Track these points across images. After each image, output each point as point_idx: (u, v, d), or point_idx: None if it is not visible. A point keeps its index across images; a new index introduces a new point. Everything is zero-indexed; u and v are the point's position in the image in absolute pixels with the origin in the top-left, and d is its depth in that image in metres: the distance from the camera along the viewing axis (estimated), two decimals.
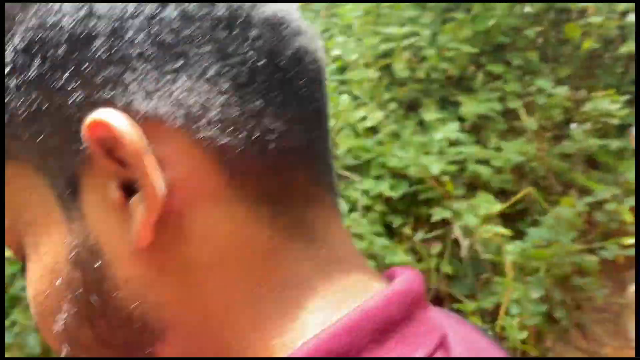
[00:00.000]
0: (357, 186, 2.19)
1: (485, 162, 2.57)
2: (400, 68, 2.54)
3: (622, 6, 2.92)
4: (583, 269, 2.41)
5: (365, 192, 2.20)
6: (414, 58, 2.84)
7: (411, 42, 2.68)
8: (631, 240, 2.87)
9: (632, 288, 2.80)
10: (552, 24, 3.12)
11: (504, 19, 2.81)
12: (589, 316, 2.48)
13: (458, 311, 2.20)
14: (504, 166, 2.58)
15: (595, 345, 2.38)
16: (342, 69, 2.61)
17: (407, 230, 2.27)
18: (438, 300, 2.32)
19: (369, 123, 2.47)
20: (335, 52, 2.66)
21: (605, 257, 2.52)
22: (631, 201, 2.57)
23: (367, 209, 2.24)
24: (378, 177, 2.31)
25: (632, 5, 3.00)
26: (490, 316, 2.20)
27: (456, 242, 2.28)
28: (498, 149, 2.66)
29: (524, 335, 2.02)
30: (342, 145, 2.32)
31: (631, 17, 2.99)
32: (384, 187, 2.18)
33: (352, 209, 2.13)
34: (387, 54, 2.82)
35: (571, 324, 2.37)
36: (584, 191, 2.78)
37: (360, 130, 2.48)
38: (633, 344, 2.57)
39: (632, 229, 2.78)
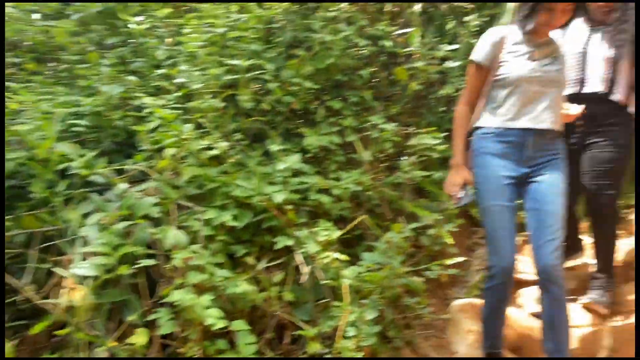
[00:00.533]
0: (199, 216, 2.16)
1: (325, 191, 2.71)
2: (245, 99, 2.59)
3: (440, 53, 3.33)
4: (411, 290, 2.64)
5: (208, 222, 2.17)
6: (259, 91, 2.92)
7: (256, 75, 2.75)
8: (451, 261, 3.22)
9: (454, 304, 3.13)
10: (383, 66, 3.43)
11: (341, 58, 3.03)
12: (417, 333, 2.71)
13: (299, 337, 2.26)
14: (342, 195, 2.74)
15: None
16: (186, 98, 2.58)
17: (250, 260, 2.28)
18: (280, 327, 2.35)
19: (213, 152, 2.47)
20: (180, 80, 2.63)
21: (430, 277, 2.80)
22: (450, 226, 2.91)
23: (210, 238, 2.21)
24: (222, 207, 2.30)
25: (450, 53, 3.43)
26: (329, 340, 2.30)
27: (298, 269, 2.35)
28: (337, 179, 2.83)
29: (360, 355, 2.13)
30: (185, 174, 2.28)
31: (449, 63, 3.41)
32: (227, 217, 2.18)
33: (194, 240, 2.09)
34: (232, 85, 2.86)
35: (402, 342, 2.56)
36: (413, 217, 3.07)
37: (204, 159, 2.46)
38: (456, 356, 2.86)
39: (453, 250, 3.13)
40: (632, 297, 2.85)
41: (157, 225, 2.10)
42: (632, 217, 3.88)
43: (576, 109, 2.42)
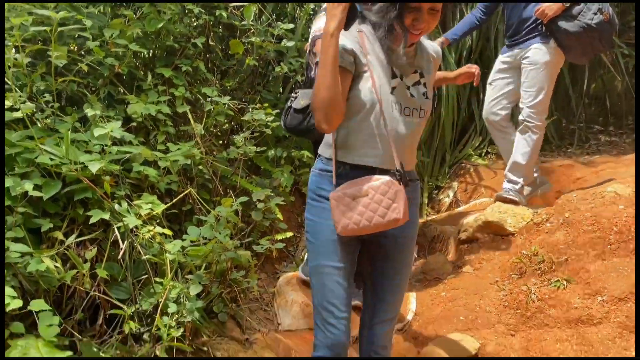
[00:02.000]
0: None
1: (152, 163, 2.55)
2: (57, 57, 2.30)
3: (277, 31, 3.33)
4: (240, 264, 2.62)
5: (6, 191, 1.90)
6: (76, 49, 2.63)
7: (72, 30, 2.47)
8: (281, 237, 3.27)
9: (281, 278, 3.20)
10: (220, 39, 3.34)
11: (173, 24, 2.86)
12: (244, 307, 2.71)
13: (114, 316, 2.11)
14: (171, 168, 2.61)
15: (248, 333, 2.61)
16: None
17: (58, 235, 2.05)
18: (95, 307, 2.17)
19: (16, 114, 2.16)
20: None
21: (259, 252, 2.81)
22: (278, 200, 2.95)
23: (10, 210, 1.94)
24: (24, 175, 2.03)
25: (288, 31, 3.46)
26: (149, 318, 2.18)
27: (115, 245, 2.18)
28: (165, 151, 2.68)
29: (179, 332, 2.06)
30: None
31: (286, 42, 3.43)
32: (29, 186, 1.93)
33: None
34: (45, 40, 2.53)
35: (228, 316, 2.54)
36: (246, 194, 3.05)
37: (5, 121, 2.14)
38: (281, 327, 2.93)
39: (283, 226, 3.19)
40: (435, 266, 3.19)
41: None
42: (442, 196, 4.34)
43: None
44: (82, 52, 2.66)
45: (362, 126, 1.65)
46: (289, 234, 3.07)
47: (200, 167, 2.89)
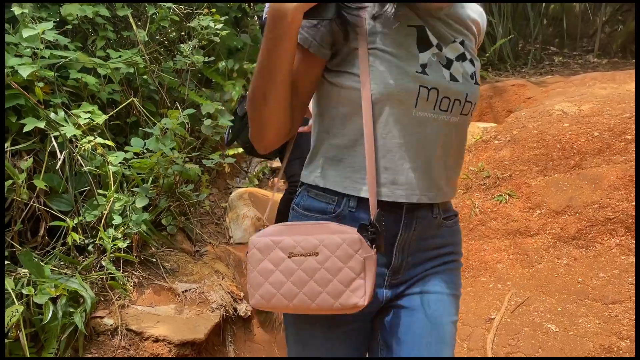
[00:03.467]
0: None
1: (91, 70, 2.40)
2: None
3: None
4: (189, 178, 2.58)
5: None
6: None
7: None
8: (233, 152, 3.22)
9: (234, 193, 3.19)
10: None
11: None
12: (194, 220, 2.70)
13: (56, 228, 2.05)
14: (112, 76, 2.46)
15: (199, 246, 2.62)
16: None
17: None
18: (35, 219, 2.11)
19: None
20: None
21: (210, 167, 2.77)
22: (229, 117, 2.86)
23: None
24: None
25: None
26: (93, 230, 2.14)
27: (54, 156, 2.09)
28: (106, 58, 2.52)
29: (125, 244, 2.04)
30: None
31: None
32: None
33: None
34: None
35: (177, 229, 2.53)
36: (194, 106, 2.95)
37: None
38: (233, 240, 2.96)
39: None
40: None
41: None
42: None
43: None
44: None
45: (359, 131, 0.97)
46: (241, 150, 3.03)
47: (145, 76, 2.75)
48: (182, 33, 3.17)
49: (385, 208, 0.95)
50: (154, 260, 2.27)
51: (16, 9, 2.19)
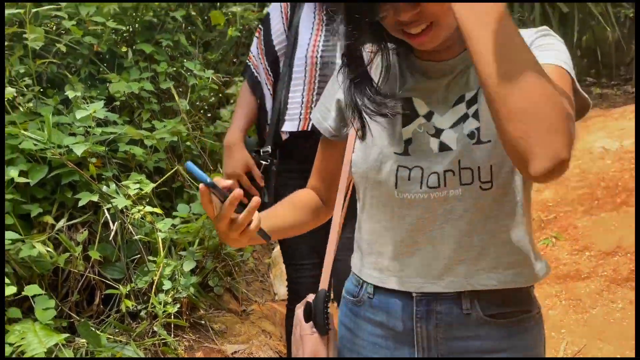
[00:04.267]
0: None
1: (138, 142, 2.55)
2: (33, 39, 2.26)
3: None
4: None
5: None
6: (53, 29, 2.58)
7: (48, 11, 2.42)
8: None
9: (276, 248, 3.24)
10: (200, 10, 3.27)
11: None
12: (240, 279, 2.75)
13: (110, 296, 2.14)
14: (158, 146, 2.60)
15: (245, 305, 2.66)
16: None
17: (48, 219, 2.07)
18: (91, 288, 2.21)
19: None
20: None
21: None
22: None
23: None
24: (9, 162, 2.03)
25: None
26: (145, 296, 2.22)
27: (107, 226, 2.20)
28: (151, 129, 2.67)
29: (175, 308, 2.10)
30: None
31: (267, 10, 3.37)
32: (14, 173, 1.92)
33: None
34: (21, 22, 2.48)
35: (223, 290, 2.59)
36: None
37: None
38: (277, 297, 2.99)
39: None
40: None
41: None
42: None
43: None
44: (60, 32, 2.61)
45: (372, 215, 0.93)
46: None
47: (188, 143, 2.88)
48: (221, 98, 3.33)
49: (396, 297, 0.89)
50: (203, 322, 2.32)
51: (69, 92, 2.36)
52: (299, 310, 0.93)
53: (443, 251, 0.85)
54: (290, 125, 1.71)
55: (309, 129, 1.64)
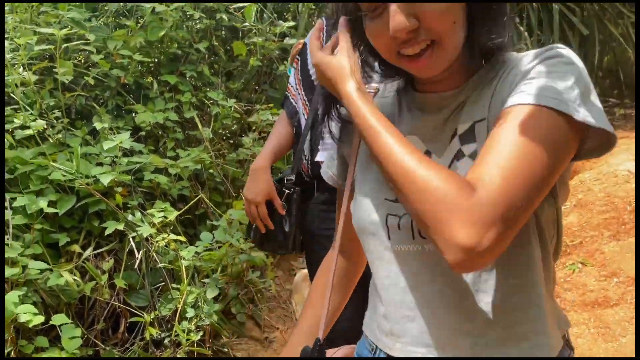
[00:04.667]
0: (7, 204, 1.93)
1: (162, 170, 2.60)
2: (63, 73, 2.35)
3: (279, 29, 3.34)
4: (255, 265, 2.67)
5: (20, 210, 1.96)
6: (82, 63, 2.67)
7: (76, 46, 2.51)
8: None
9: (298, 274, 3.24)
10: (222, 41, 3.36)
11: (175, 31, 2.89)
12: (262, 306, 2.75)
13: (134, 324, 2.16)
14: (182, 174, 2.65)
15: (267, 332, 2.65)
16: None
17: (75, 248, 2.11)
18: (116, 316, 2.23)
19: (28, 132, 2.22)
20: None
21: None
22: None
23: (25, 228, 2.00)
24: (38, 193, 2.09)
25: (290, 28, 3.46)
26: (169, 324, 2.24)
27: (132, 254, 2.24)
28: (175, 158, 2.72)
29: (198, 336, 2.11)
30: None
31: (288, 40, 3.44)
32: (44, 204, 1.98)
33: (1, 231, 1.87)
34: (51, 56, 2.58)
35: (246, 317, 2.59)
36: None
37: (18, 139, 2.21)
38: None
39: None
40: None
41: None
42: None
43: None
44: (88, 66, 2.70)
45: (374, 272, 0.85)
46: None
47: (211, 170, 2.92)
48: (243, 125, 3.39)
49: None
50: (225, 350, 2.32)
51: (97, 124, 2.43)
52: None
53: (444, 318, 0.73)
54: (323, 155, 1.70)
55: None
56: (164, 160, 2.58)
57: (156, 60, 3.06)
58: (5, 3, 2.32)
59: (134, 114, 2.74)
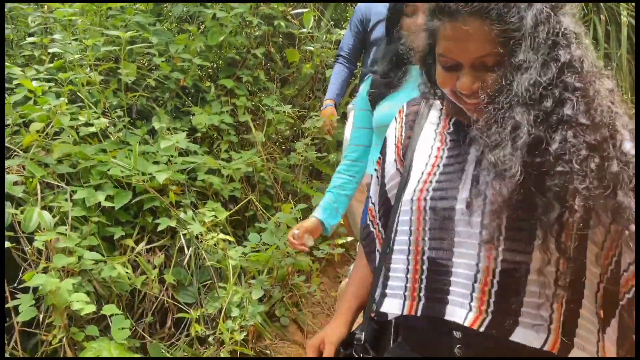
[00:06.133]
0: (68, 196, 2.02)
1: (216, 171, 2.65)
2: (126, 74, 2.45)
3: (335, 37, 3.35)
4: (301, 269, 2.67)
5: (80, 203, 2.04)
6: (145, 65, 2.78)
7: (140, 48, 2.62)
8: (342, 241, 3.29)
9: (343, 282, 3.22)
10: (279, 47, 3.41)
11: (234, 36, 2.96)
12: (306, 311, 2.75)
13: (181, 319, 2.21)
14: (233, 175, 2.70)
15: (310, 337, 2.64)
16: (62, 70, 2.40)
17: (129, 242, 2.18)
18: (164, 311, 2.29)
19: (91, 129, 2.32)
20: (53, 49, 2.43)
21: (320, 256, 2.85)
22: None
23: (83, 220, 2.09)
24: (97, 187, 2.18)
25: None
26: (214, 322, 2.27)
27: (182, 251, 2.29)
28: (228, 160, 2.78)
29: (242, 336, 2.12)
30: (56, 151, 2.12)
31: None
32: (102, 197, 2.06)
33: (63, 221, 1.96)
34: (116, 58, 2.70)
35: (289, 321, 2.59)
36: (307, 199, 3.10)
37: (82, 136, 2.32)
38: None
39: (343, 230, 3.21)
40: None
41: (21, 205, 1.95)
42: None
43: None
44: (150, 68, 2.81)
45: None
46: (350, 238, 3.08)
47: (262, 174, 2.96)
48: (295, 131, 3.42)
49: None
50: (268, 352, 2.33)
51: (156, 123, 2.52)
52: None
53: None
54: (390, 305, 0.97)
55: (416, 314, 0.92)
56: (217, 161, 2.64)
57: (215, 64, 3.14)
58: (73, 5, 2.45)
59: (191, 116, 2.82)
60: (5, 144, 2.11)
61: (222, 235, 2.31)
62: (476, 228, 0.84)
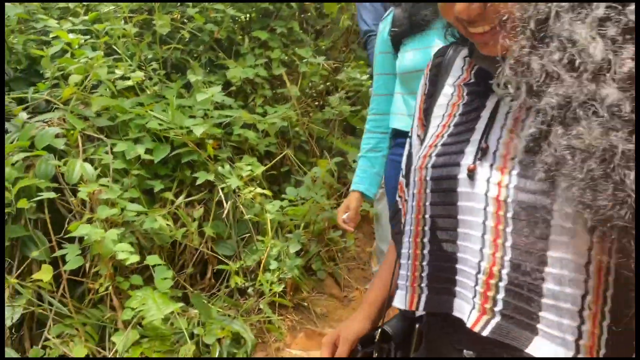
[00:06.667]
0: (108, 149, 2.03)
1: (251, 126, 2.63)
2: (161, 25, 2.41)
3: None
4: (337, 224, 2.66)
5: (120, 155, 2.06)
6: (179, 17, 2.73)
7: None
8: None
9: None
10: None
11: None
12: (342, 265, 2.76)
13: (223, 272, 2.24)
14: (269, 130, 2.67)
15: (346, 291, 2.66)
16: (95, 21, 2.37)
17: (169, 195, 2.20)
18: (204, 263, 2.32)
19: (128, 82, 2.31)
20: (88, 1, 2.40)
21: None
22: None
23: (124, 172, 2.11)
24: (136, 140, 2.18)
25: None
26: (252, 274, 2.29)
27: (220, 205, 2.30)
28: (263, 114, 2.75)
29: (280, 288, 2.15)
30: (95, 104, 2.12)
31: None
32: (141, 150, 2.07)
33: (104, 174, 1.97)
34: (148, 10, 2.66)
35: (326, 274, 2.60)
36: (342, 154, 3.06)
37: (118, 89, 2.31)
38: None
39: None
40: None
41: (63, 158, 1.97)
42: None
43: None
44: (184, 20, 2.76)
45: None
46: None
47: (297, 129, 2.93)
48: (329, 85, 3.35)
49: None
50: (305, 304, 2.35)
51: (191, 77, 2.49)
52: None
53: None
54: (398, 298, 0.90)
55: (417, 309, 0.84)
56: (252, 115, 2.61)
57: (248, 16, 3.07)
58: None
59: (225, 69, 2.78)
60: (45, 97, 2.12)
61: (259, 190, 2.30)
62: (480, 202, 0.66)
